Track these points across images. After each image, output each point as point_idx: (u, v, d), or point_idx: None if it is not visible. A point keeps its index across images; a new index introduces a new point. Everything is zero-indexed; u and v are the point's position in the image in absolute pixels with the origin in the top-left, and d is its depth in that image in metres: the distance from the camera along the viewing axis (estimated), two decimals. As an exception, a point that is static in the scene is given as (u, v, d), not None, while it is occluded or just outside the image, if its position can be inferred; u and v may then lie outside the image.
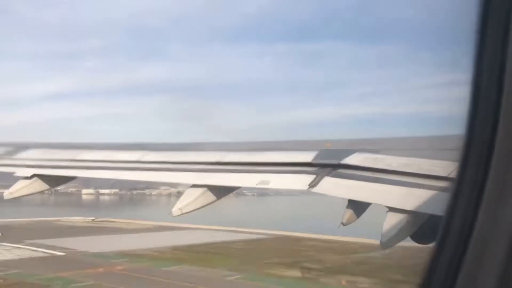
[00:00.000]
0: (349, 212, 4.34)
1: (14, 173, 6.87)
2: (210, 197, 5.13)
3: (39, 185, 6.66)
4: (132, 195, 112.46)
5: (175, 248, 35.42)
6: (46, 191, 6.87)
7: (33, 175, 6.61)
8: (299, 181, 4.64)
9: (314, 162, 4.81)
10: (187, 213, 5.03)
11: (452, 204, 1.67)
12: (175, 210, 4.95)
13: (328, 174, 4.54)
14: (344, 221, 4.39)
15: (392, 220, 3.78)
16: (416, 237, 5.92)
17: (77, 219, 57.12)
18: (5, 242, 36.40)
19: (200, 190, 5.08)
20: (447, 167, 3.81)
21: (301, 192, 4.75)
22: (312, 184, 4.49)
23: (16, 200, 6.80)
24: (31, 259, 31.07)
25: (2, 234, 40.06)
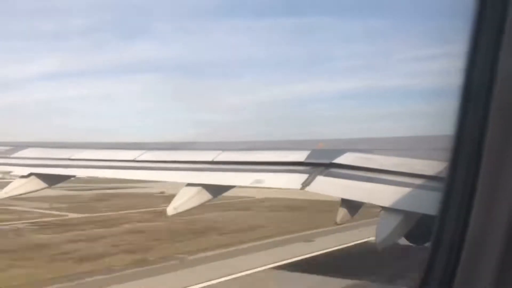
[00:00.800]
0: (343, 211, 4.37)
1: (11, 172, 6.92)
2: (205, 196, 5.17)
3: (36, 184, 6.69)
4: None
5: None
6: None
7: (30, 174, 6.66)
8: (293, 180, 4.67)
9: (307, 161, 4.86)
10: (181, 212, 5.06)
11: (445, 204, 1.68)
12: (170, 209, 4.98)
13: (321, 174, 4.58)
14: (338, 220, 4.41)
15: (386, 220, 3.80)
16: (410, 237, 5.97)
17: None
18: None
19: (195, 189, 5.12)
20: (439, 167, 3.85)
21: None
22: (305, 183, 4.52)
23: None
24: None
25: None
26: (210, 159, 5.61)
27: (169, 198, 5.28)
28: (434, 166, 3.92)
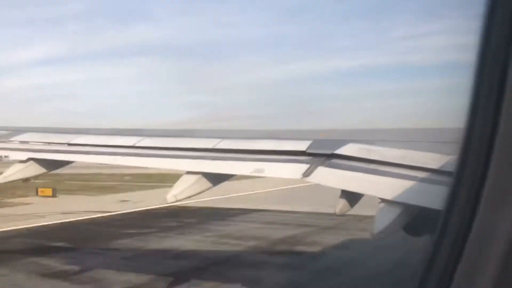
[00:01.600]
0: (343, 201, 4.34)
1: (8, 156, 6.88)
2: (205, 184, 5.13)
3: (34, 169, 6.66)
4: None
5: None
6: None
7: (28, 159, 6.62)
8: (294, 170, 4.64)
9: (309, 151, 4.81)
10: (181, 199, 5.03)
11: (451, 199, 1.65)
12: (170, 196, 4.95)
13: (322, 164, 4.54)
14: (337, 210, 4.38)
15: (385, 212, 3.78)
16: (408, 229, 5.96)
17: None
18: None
19: (195, 177, 5.09)
20: (441, 160, 3.81)
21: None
22: (306, 174, 4.49)
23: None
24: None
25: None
26: (210, 146, 5.56)
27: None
28: (436, 159, 3.89)
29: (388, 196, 3.81)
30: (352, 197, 4.37)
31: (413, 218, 3.92)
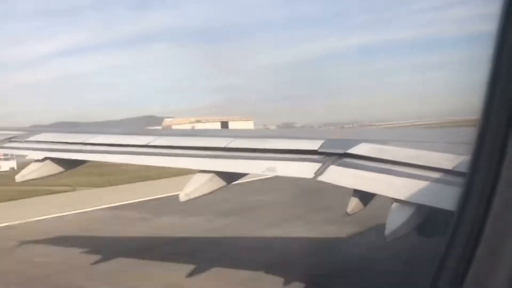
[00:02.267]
0: (355, 201, 4.32)
1: (27, 155, 7.03)
2: (218, 182, 5.18)
3: (51, 168, 6.79)
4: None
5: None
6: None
7: (45, 158, 6.75)
8: (306, 169, 4.65)
9: (321, 150, 4.82)
10: (194, 198, 5.08)
11: (464, 199, 1.63)
12: (182, 195, 5.01)
13: (334, 163, 4.55)
14: (349, 210, 4.35)
15: (397, 212, 3.77)
16: (420, 230, 5.93)
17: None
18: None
19: (208, 175, 5.13)
20: (454, 161, 3.80)
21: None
22: (318, 173, 4.50)
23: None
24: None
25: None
26: (222, 145, 5.61)
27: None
28: (448, 160, 3.87)
29: (401, 196, 3.80)
30: (364, 197, 4.36)
31: (426, 219, 3.90)
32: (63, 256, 11.11)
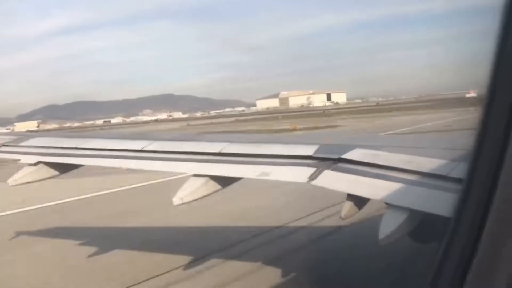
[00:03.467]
0: (349, 205, 4.33)
1: (19, 160, 6.99)
2: (212, 187, 5.18)
3: (44, 172, 6.77)
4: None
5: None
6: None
7: (38, 162, 6.72)
8: (300, 174, 4.67)
9: (315, 155, 4.84)
10: (188, 202, 5.07)
11: (462, 202, 1.64)
12: (176, 199, 4.99)
13: (328, 168, 4.57)
14: (343, 214, 4.36)
15: (390, 217, 3.79)
16: (414, 236, 5.94)
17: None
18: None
19: (202, 179, 5.13)
20: (448, 166, 3.83)
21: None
22: (312, 177, 4.51)
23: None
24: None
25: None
26: (217, 150, 5.62)
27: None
28: (443, 165, 3.90)
29: (394, 201, 3.82)
30: (358, 201, 4.37)
31: (419, 224, 3.92)
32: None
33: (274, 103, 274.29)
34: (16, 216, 15.44)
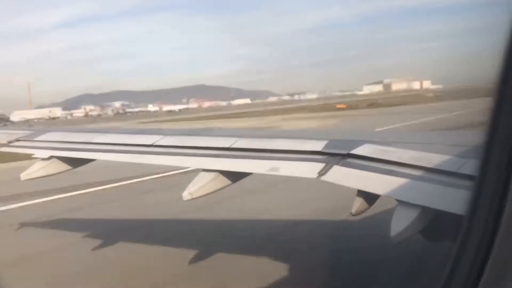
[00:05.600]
0: (359, 201, 4.32)
1: (33, 154, 7.11)
2: (222, 182, 5.21)
3: (56, 166, 6.87)
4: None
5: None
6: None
7: (51, 157, 6.82)
8: (309, 169, 4.66)
9: (324, 151, 4.84)
10: (197, 197, 5.11)
11: (475, 201, 1.62)
12: (186, 194, 5.04)
13: (337, 163, 4.56)
14: (353, 211, 4.35)
15: (401, 214, 3.77)
16: (426, 233, 5.92)
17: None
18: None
19: (212, 174, 5.16)
20: (459, 163, 3.80)
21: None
22: (322, 173, 4.51)
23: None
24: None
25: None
26: (227, 145, 5.64)
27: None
28: (453, 162, 3.87)
29: (405, 198, 3.80)
30: (368, 197, 4.36)
31: (431, 221, 3.90)
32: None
33: (378, 88, 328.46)
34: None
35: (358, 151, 4.60)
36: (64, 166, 6.91)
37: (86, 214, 14.36)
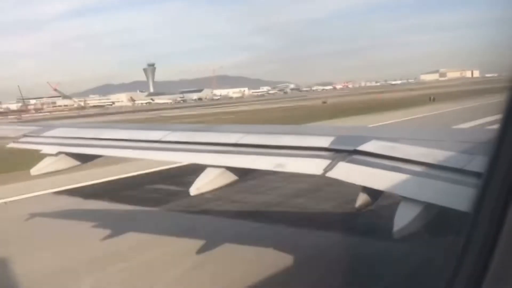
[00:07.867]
0: (363, 197, 4.32)
1: (41, 150, 7.18)
2: (228, 177, 5.24)
3: (65, 162, 6.95)
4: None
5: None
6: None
7: (59, 153, 6.89)
8: (315, 166, 4.66)
9: (331, 147, 4.83)
10: (204, 192, 5.14)
11: (481, 199, 1.61)
12: (193, 189, 5.07)
13: (343, 160, 4.56)
14: (357, 205, 4.36)
15: (404, 210, 3.77)
16: (429, 230, 5.90)
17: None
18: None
19: (219, 170, 5.19)
20: (465, 160, 3.78)
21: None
22: (327, 169, 4.51)
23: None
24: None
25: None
26: (233, 141, 5.66)
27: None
28: (460, 159, 3.86)
29: (409, 194, 3.80)
30: (372, 193, 4.37)
31: (434, 217, 3.89)
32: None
33: (434, 77, 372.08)
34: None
35: (364, 147, 4.60)
36: (73, 162, 6.99)
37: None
